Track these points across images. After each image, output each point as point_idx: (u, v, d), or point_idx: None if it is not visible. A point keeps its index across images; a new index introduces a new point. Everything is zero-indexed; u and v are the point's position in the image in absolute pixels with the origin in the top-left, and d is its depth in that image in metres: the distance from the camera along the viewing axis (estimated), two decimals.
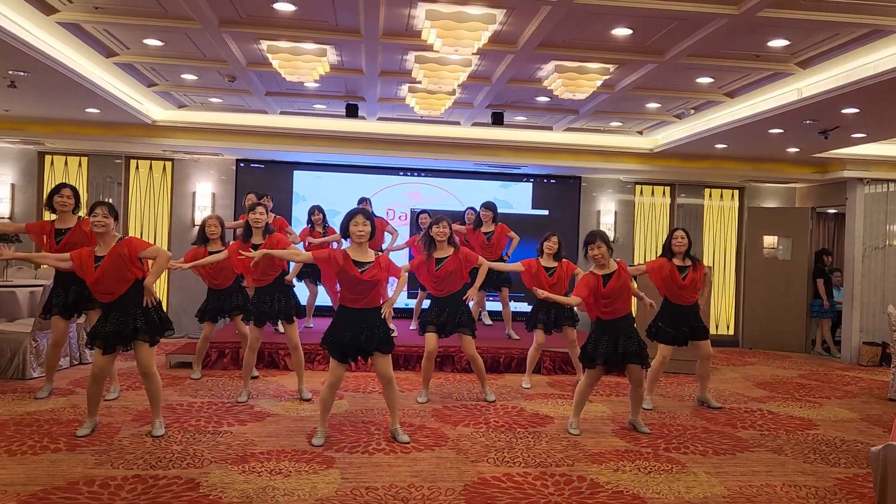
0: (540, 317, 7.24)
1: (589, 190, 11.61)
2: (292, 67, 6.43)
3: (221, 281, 7.07)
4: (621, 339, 5.50)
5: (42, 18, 5.77)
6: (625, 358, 5.51)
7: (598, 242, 5.52)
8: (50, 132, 9.48)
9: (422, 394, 6.67)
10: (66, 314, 6.16)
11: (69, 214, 6.14)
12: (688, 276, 6.46)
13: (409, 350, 8.25)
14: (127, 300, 5.04)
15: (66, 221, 6.13)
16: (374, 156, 10.25)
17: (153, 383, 5.21)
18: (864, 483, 4.69)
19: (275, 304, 6.30)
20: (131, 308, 5.05)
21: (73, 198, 6.15)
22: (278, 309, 6.32)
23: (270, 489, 4.22)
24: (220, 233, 7.03)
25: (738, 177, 11.15)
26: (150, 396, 5.27)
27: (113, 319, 5.02)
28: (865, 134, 8.36)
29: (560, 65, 6.63)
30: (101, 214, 5.04)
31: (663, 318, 6.58)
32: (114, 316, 5.03)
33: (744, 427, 6.12)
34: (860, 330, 10.37)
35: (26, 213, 10.35)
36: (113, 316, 5.03)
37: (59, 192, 6.10)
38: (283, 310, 6.36)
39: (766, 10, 5.10)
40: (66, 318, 6.19)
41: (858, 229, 10.48)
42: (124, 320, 5.02)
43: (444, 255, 6.32)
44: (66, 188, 6.14)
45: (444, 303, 6.42)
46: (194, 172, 10.83)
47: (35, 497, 3.97)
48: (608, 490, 4.41)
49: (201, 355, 7.52)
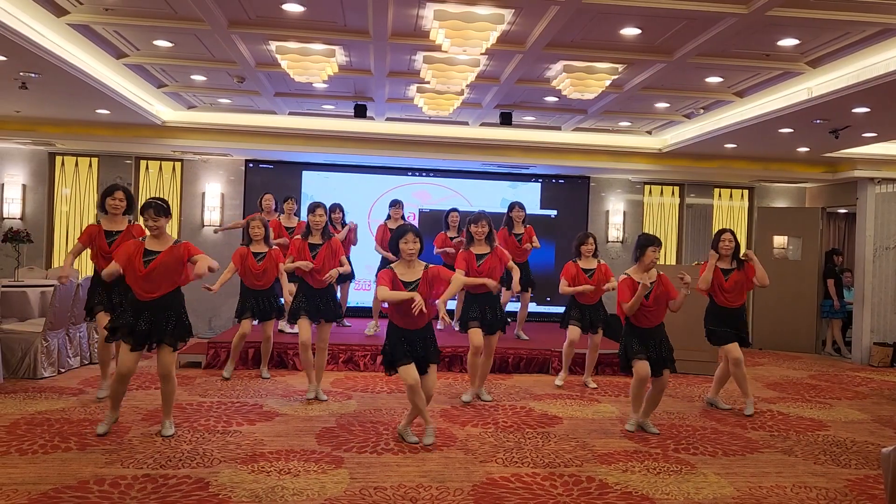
0: (573, 314, 7.25)
1: (598, 190, 11.59)
2: (301, 68, 6.45)
3: (264, 282, 7.11)
4: (651, 344, 5.57)
5: (53, 20, 5.81)
6: (659, 364, 5.57)
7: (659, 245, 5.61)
8: (61, 133, 9.53)
9: (467, 393, 6.66)
10: (112, 312, 5.97)
11: (120, 217, 6.07)
12: (731, 279, 6.41)
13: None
14: (165, 302, 5.00)
15: (117, 224, 6.04)
16: (383, 156, 10.26)
17: (170, 385, 5.17)
18: (874, 484, 4.66)
19: (323, 304, 6.37)
20: (166, 310, 5.01)
21: (126, 200, 6.06)
22: (325, 309, 6.38)
23: (279, 489, 4.23)
24: (265, 234, 7.08)
25: (748, 177, 11.11)
26: (164, 398, 5.24)
27: (146, 318, 4.98)
28: (876, 133, 8.31)
29: (569, 65, 6.62)
30: (151, 219, 4.95)
31: (712, 320, 6.53)
32: (147, 315, 4.98)
33: (754, 428, 6.10)
34: (871, 330, 10.31)
35: (37, 213, 10.43)
36: (146, 315, 4.98)
37: (112, 194, 6.01)
38: (334, 310, 6.45)
39: (776, 10, 5.07)
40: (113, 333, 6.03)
41: (869, 229, 10.41)
42: (156, 321, 4.98)
43: (483, 252, 6.33)
44: (118, 190, 6.04)
45: (484, 300, 6.41)
46: (203, 173, 10.87)
47: (46, 496, 3.99)
48: (617, 491, 4.40)
49: (236, 352, 7.47)
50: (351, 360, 8.10)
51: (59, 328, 7.23)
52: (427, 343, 5.14)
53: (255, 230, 7.02)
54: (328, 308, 6.41)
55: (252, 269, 7.01)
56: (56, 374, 7.21)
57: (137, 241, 5.03)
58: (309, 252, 6.32)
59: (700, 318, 6.69)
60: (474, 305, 6.44)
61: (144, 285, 4.93)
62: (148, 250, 4.95)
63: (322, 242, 6.35)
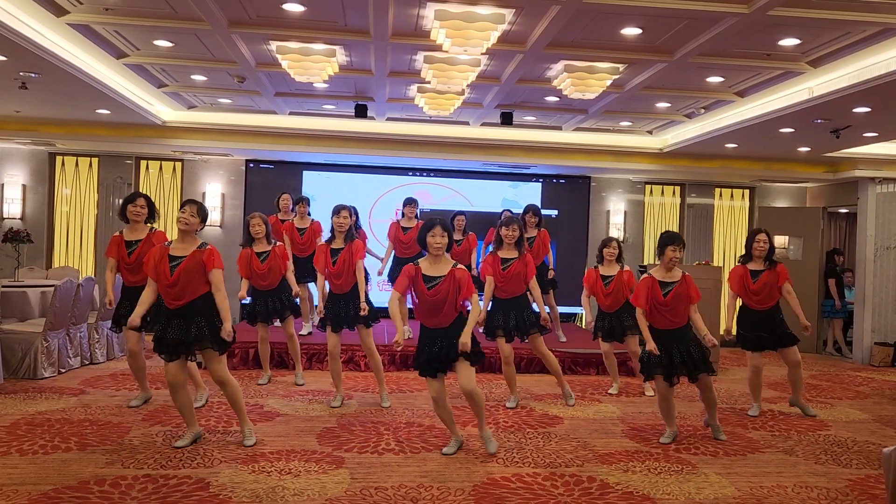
0: (599, 324, 7.06)
1: (598, 190, 11.58)
2: (301, 68, 6.44)
3: (270, 282, 6.83)
4: (675, 348, 5.32)
5: (53, 20, 5.81)
6: (689, 368, 5.33)
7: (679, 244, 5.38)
8: (61, 133, 9.53)
9: (511, 399, 6.54)
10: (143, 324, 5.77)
11: (141, 225, 5.91)
12: (760, 280, 6.28)
13: None
14: (195, 308, 4.77)
15: (138, 232, 5.88)
16: (384, 156, 10.27)
17: (230, 389, 4.96)
18: (875, 484, 4.66)
19: (344, 311, 6.11)
20: (196, 316, 4.77)
21: (147, 207, 5.90)
22: (346, 317, 6.12)
23: (280, 489, 4.22)
24: (266, 231, 6.79)
25: (749, 176, 11.10)
26: (231, 403, 5.05)
27: (176, 326, 4.76)
28: (877, 133, 8.31)
29: (569, 64, 6.61)
30: (189, 213, 4.80)
31: (742, 323, 6.40)
32: (176, 322, 4.77)
33: (755, 428, 6.09)
34: (872, 330, 10.31)
35: (37, 213, 10.43)
36: (176, 322, 4.77)
37: (134, 201, 5.85)
38: (354, 316, 6.11)
39: (777, 9, 5.07)
40: (138, 330, 5.72)
41: (870, 229, 10.41)
42: (186, 327, 4.75)
43: (511, 257, 6.13)
44: (140, 198, 5.89)
45: (509, 306, 6.18)
46: (204, 173, 10.87)
47: (46, 496, 3.99)
48: (618, 491, 4.39)
49: (266, 358, 7.26)
50: (351, 361, 8.09)
51: (59, 328, 7.22)
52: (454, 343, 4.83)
53: (256, 227, 6.73)
54: (349, 315, 6.11)
55: (256, 269, 6.74)
56: (56, 374, 7.20)
57: (162, 247, 4.87)
58: (330, 258, 6.07)
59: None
60: (499, 312, 6.19)
61: (173, 291, 4.73)
62: (172, 255, 4.77)
63: (344, 246, 6.09)
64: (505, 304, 6.20)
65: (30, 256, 10.15)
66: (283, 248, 6.96)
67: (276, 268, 6.80)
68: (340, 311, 6.12)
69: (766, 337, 6.31)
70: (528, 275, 6.15)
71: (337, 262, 6.07)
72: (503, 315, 6.18)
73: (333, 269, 6.07)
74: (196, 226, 4.86)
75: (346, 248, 6.08)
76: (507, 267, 6.11)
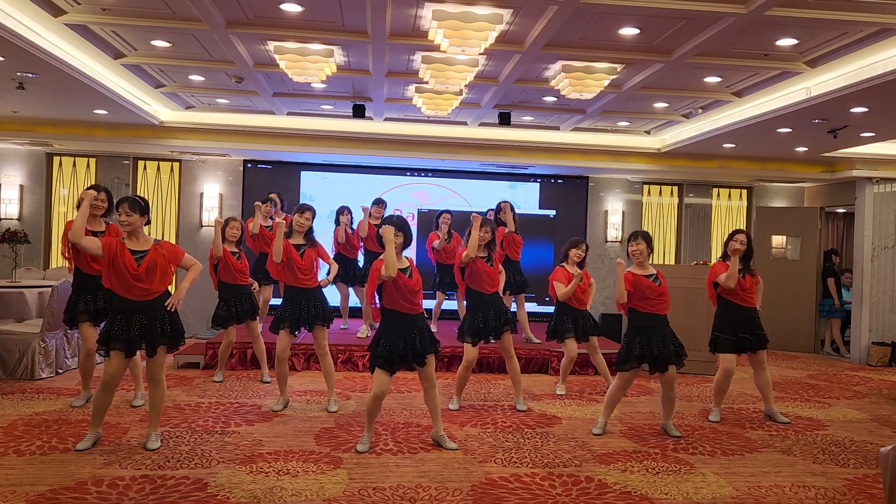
0: (569, 326, 7.00)
1: (596, 190, 11.59)
2: (299, 68, 6.44)
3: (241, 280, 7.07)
4: (654, 340, 5.47)
5: (50, 20, 5.80)
6: (661, 359, 5.47)
7: (639, 240, 5.63)
8: (58, 133, 9.51)
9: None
10: (97, 321, 5.81)
11: (97, 219, 5.86)
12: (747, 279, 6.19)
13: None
14: (158, 303, 4.81)
15: (96, 225, 5.84)
16: (382, 156, 10.25)
17: (160, 390, 4.96)
18: (873, 484, 4.66)
19: (310, 309, 6.04)
20: (158, 312, 4.81)
21: (108, 202, 5.85)
22: (314, 314, 6.06)
23: (278, 489, 4.22)
24: (241, 237, 7.09)
25: (747, 176, 11.11)
26: (152, 405, 4.99)
27: (138, 323, 4.76)
28: (874, 133, 8.32)
29: (567, 64, 6.62)
30: (125, 212, 4.73)
31: (722, 326, 6.23)
32: (139, 319, 4.76)
33: (752, 427, 6.10)
34: (869, 330, 10.32)
35: (34, 214, 10.40)
36: (138, 319, 4.76)
37: (97, 194, 5.80)
38: (321, 314, 6.09)
39: (774, 9, 5.07)
40: (97, 324, 5.80)
41: (867, 229, 10.42)
42: (150, 324, 4.78)
43: (484, 256, 6.24)
44: (103, 192, 5.85)
45: (489, 303, 6.21)
46: (202, 173, 10.86)
47: (44, 497, 3.98)
48: (616, 491, 4.40)
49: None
50: (349, 361, 8.10)
51: (56, 329, 7.22)
52: (424, 334, 5.03)
53: (233, 231, 7.00)
54: (310, 314, 6.04)
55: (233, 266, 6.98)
56: (54, 374, 7.20)
57: (118, 241, 4.80)
58: (296, 251, 5.97)
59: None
60: (479, 313, 6.19)
61: (139, 285, 4.71)
62: (133, 250, 4.74)
63: (305, 244, 6.04)
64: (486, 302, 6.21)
65: (27, 257, 10.13)
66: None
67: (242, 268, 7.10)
68: (301, 311, 6.02)
69: (747, 338, 6.16)
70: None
71: (304, 257, 6.01)
72: (483, 317, 6.19)
73: (302, 262, 5.98)
74: (138, 221, 4.79)
75: (309, 247, 6.06)
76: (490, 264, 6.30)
